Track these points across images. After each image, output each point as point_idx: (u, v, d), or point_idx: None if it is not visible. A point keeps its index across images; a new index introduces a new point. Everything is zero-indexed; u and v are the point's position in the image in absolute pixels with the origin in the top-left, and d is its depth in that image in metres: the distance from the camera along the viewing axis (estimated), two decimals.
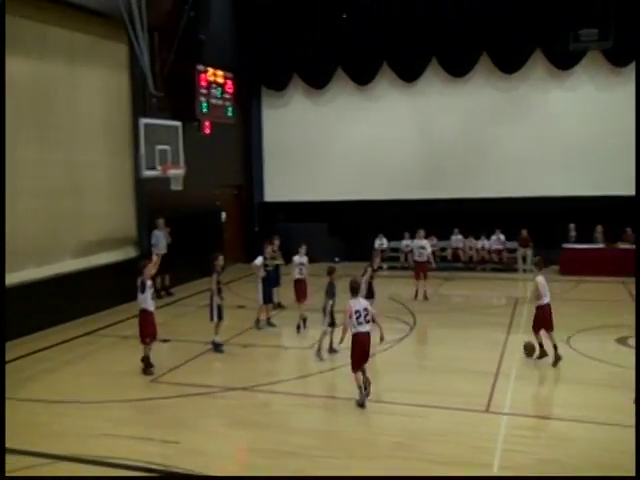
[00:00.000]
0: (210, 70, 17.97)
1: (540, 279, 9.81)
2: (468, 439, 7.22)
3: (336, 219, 20.29)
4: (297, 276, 12.30)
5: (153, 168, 14.25)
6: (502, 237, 18.75)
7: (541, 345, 9.83)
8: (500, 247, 18.72)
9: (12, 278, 12.08)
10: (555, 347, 9.62)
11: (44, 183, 13.00)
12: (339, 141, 20.73)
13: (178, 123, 15.45)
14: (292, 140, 21.22)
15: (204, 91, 17.68)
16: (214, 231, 18.80)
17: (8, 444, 7.16)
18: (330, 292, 10.44)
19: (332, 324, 10.46)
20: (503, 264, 18.66)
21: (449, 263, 18.97)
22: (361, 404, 8.17)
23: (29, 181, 12.63)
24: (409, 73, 19.80)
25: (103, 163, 14.76)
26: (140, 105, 15.44)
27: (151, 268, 9.99)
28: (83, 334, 12.30)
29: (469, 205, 19.23)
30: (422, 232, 15.56)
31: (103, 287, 13.99)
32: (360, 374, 8.35)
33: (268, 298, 12.54)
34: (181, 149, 15.25)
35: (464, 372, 9.52)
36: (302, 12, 19.73)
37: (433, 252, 18.90)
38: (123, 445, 7.26)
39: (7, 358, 10.57)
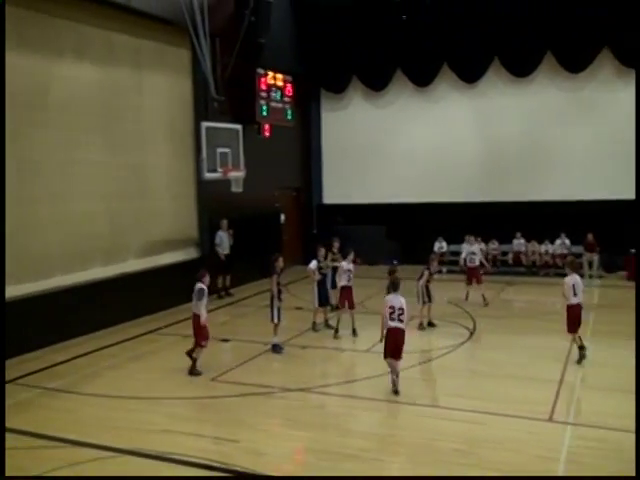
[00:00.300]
0: (270, 73, 18.19)
1: (567, 279, 10.04)
2: (530, 448, 7.02)
3: (395, 222, 20.15)
4: (344, 283, 12.02)
5: (214, 170, 14.50)
6: (567, 241, 18.18)
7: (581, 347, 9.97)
8: (565, 251, 18.15)
9: (80, 277, 12.57)
10: (580, 347, 9.84)
11: (111, 185, 13.44)
12: (398, 143, 20.60)
13: (238, 126, 15.68)
14: (351, 142, 21.22)
15: (264, 94, 17.91)
16: (273, 233, 18.98)
17: (74, 436, 7.46)
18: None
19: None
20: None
21: (510, 267, 18.54)
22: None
23: (98, 183, 13.09)
24: (470, 74, 19.49)
25: (167, 166, 15.14)
26: (202, 109, 15.77)
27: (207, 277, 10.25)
28: (146, 332, 12.63)
29: (532, 208, 18.75)
30: (472, 237, 15.47)
31: (165, 287, 14.32)
32: (392, 361, 8.74)
33: (324, 300, 12.56)
34: (241, 152, 15.47)
35: (526, 379, 9.28)
36: (361, 14, 19.72)
37: (494, 256, 18.63)
38: (182, 441, 7.40)
39: (75, 354, 11.03)
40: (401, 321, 8.66)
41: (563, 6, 17.47)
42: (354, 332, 12.07)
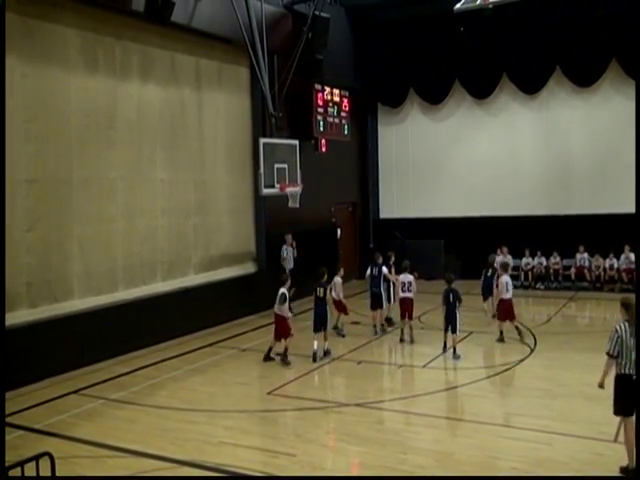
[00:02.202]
0: (327, 89, 18.35)
1: (502, 279, 12.46)
2: (594, 470, 6.76)
3: (453, 236, 19.88)
4: (402, 294, 12.54)
5: (272, 186, 14.68)
6: (632, 256, 17.49)
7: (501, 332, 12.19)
8: (631, 266, 17.48)
9: (143, 291, 12.92)
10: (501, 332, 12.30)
11: (173, 201, 13.80)
12: (457, 156, 20.38)
13: (295, 142, 15.85)
14: (408, 156, 21.12)
15: (321, 110, 18.07)
16: (330, 248, 19.03)
17: (137, 446, 7.64)
18: (445, 299, 11.48)
19: (451, 329, 11.42)
20: (634, 285, 17.38)
21: (573, 282, 18.00)
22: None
23: (161, 199, 13.47)
24: (530, 84, 19.13)
25: (226, 181, 15.43)
26: (260, 125, 16.03)
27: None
28: (205, 345, 12.84)
29: (596, 221, 18.15)
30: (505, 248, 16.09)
31: (224, 301, 14.55)
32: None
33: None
34: (298, 167, 15.61)
35: (590, 398, 8.94)
36: (418, 27, 19.70)
37: (556, 270, 18.11)
38: (241, 454, 7.47)
39: (138, 366, 11.31)
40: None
41: (626, 11, 16.95)
42: (412, 341, 12.47)
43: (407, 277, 12.49)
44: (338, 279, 12.88)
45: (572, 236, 18.20)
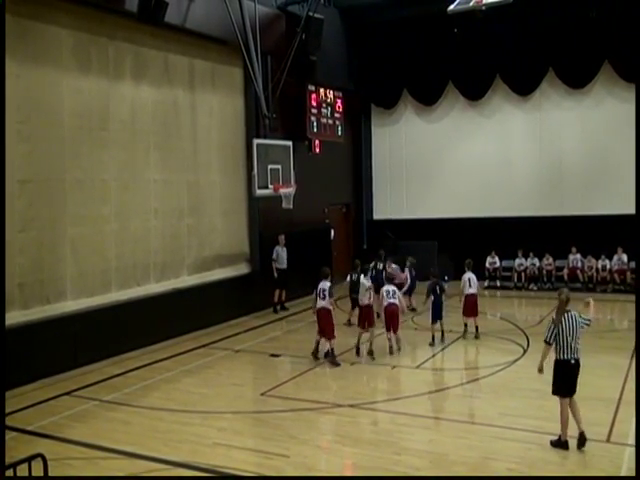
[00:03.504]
0: (321, 90, 18.36)
1: (464, 276, 12.78)
2: (588, 470, 6.80)
3: (446, 237, 19.91)
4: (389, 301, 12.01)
5: (265, 187, 14.69)
6: (624, 257, 17.58)
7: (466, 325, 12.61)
8: (624, 267, 17.58)
9: (136, 292, 12.90)
10: (476, 328, 12.59)
11: (166, 202, 13.77)
12: (450, 157, 20.43)
13: (289, 143, 15.87)
14: (402, 157, 21.16)
15: (314, 110, 18.09)
16: (323, 248, 19.04)
17: (130, 448, 7.62)
18: (432, 292, 12.17)
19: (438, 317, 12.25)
20: (627, 285, 17.48)
21: (566, 283, 18.05)
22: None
23: (154, 200, 13.43)
24: (524, 86, 19.20)
25: (219, 182, 15.41)
26: (253, 126, 16.02)
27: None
28: (199, 346, 12.82)
29: (588, 222, 18.23)
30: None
31: (217, 302, 14.53)
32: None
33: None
34: (292, 168, 15.64)
35: (583, 399, 8.92)
36: (412, 29, 19.74)
37: (548, 271, 18.18)
38: (234, 455, 7.47)
39: (130, 367, 11.27)
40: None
41: (619, 14, 17.06)
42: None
43: (391, 286, 12.01)
44: None
45: (565, 237, 18.27)
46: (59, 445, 7.83)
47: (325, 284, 11.20)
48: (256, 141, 14.70)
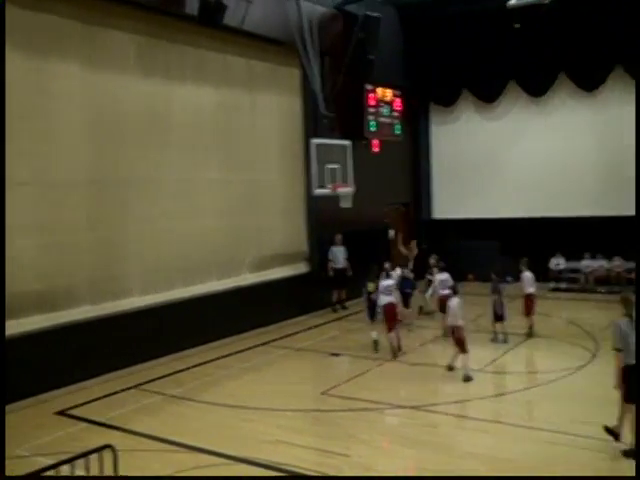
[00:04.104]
0: (378, 89, 18.27)
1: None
2: None
3: (509, 237, 19.45)
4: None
5: (323, 186, 14.73)
6: None
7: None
8: None
9: (198, 290, 13.15)
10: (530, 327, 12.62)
11: (227, 202, 13.97)
12: (512, 155, 19.97)
13: (347, 142, 15.85)
14: (462, 156, 20.82)
15: (372, 110, 18.00)
16: (382, 248, 18.92)
17: (193, 442, 7.77)
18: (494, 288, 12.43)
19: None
20: None
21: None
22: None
23: (214, 200, 13.66)
24: (589, 82, 18.54)
25: (278, 182, 15.54)
26: (312, 126, 16.07)
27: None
28: (259, 344, 12.96)
29: None
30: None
31: (277, 300, 14.66)
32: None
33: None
34: (350, 167, 15.61)
35: None
36: (472, 25, 19.38)
37: (618, 273, 17.53)
38: (294, 453, 7.51)
39: (194, 363, 11.51)
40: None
41: None
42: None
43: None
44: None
45: (635, 238, 17.53)
46: (127, 437, 8.07)
47: (388, 281, 11.66)
48: (314, 141, 14.75)
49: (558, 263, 18.30)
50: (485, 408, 9.09)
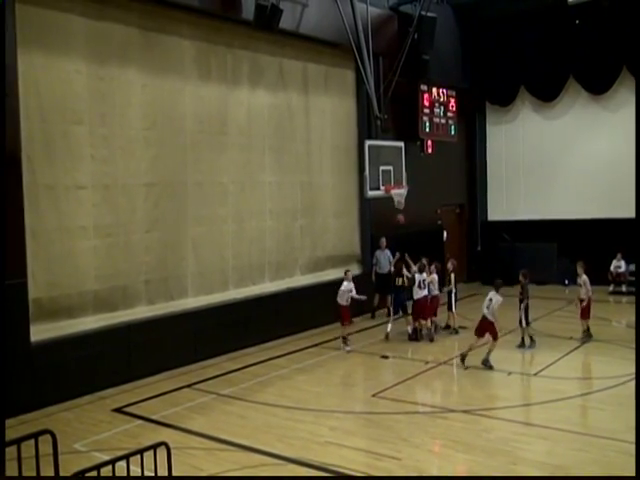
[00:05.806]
0: (433, 89, 18.09)
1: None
2: None
3: (567, 239, 18.94)
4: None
5: (377, 188, 14.67)
6: None
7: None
8: None
9: (252, 290, 13.32)
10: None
11: (282, 203, 14.11)
12: (571, 155, 19.42)
13: (401, 143, 15.75)
14: (518, 157, 20.39)
15: (427, 110, 17.83)
16: (436, 250, 18.69)
17: (245, 441, 7.87)
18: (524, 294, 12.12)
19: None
20: None
21: None
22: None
23: (270, 202, 13.82)
24: None
25: (331, 184, 15.58)
26: (365, 128, 16.05)
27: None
28: (311, 345, 13.02)
29: None
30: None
31: (329, 302, 14.61)
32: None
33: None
34: (404, 169, 15.51)
35: None
36: (528, 22, 18.97)
37: None
38: (346, 455, 7.51)
39: (247, 363, 11.65)
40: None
41: None
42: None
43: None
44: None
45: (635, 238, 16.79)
46: (180, 434, 8.24)
47: (423, 275, 12.82)
48: (368, 142, 14.72)
49: (619, 266, 17.69)
50: (541, 413, 8.87)
